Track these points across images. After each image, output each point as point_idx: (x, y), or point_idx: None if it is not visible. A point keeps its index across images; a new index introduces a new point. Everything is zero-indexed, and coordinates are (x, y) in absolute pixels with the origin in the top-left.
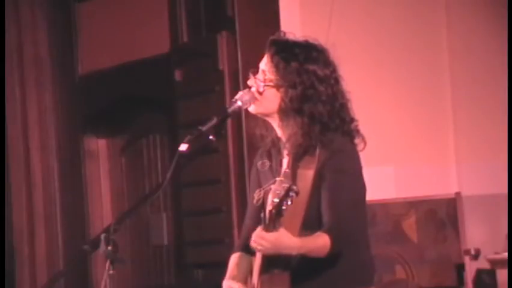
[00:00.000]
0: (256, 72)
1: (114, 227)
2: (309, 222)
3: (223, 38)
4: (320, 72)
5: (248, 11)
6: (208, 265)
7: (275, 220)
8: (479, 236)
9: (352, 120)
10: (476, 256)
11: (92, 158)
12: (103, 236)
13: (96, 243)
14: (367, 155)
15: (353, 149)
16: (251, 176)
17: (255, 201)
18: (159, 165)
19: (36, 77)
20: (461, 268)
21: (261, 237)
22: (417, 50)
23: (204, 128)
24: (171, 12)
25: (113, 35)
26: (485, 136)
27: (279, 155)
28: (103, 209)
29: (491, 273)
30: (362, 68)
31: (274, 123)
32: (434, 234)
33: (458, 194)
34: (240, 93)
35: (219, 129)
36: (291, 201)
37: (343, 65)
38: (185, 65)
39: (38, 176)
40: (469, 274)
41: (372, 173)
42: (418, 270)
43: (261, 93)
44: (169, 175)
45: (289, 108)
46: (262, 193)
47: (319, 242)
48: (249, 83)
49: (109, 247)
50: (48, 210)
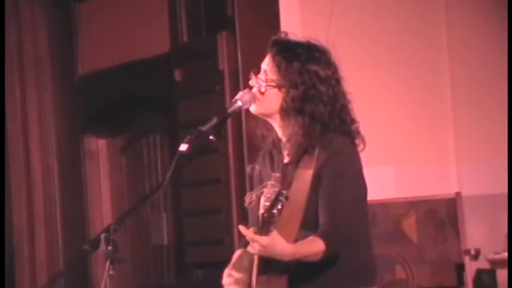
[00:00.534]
0: (257, 72)
1: (114, 227)
2: (308, 222)
3: (223, 38)
4: (322, 72)
5: (248, 11)
6: (208, 265)
7: (267, 224)
8: (479, 236)
9: (353, 121)
10: (476, 256)
11: (92, 158)
12: (103, 236)
13: (96, 243)
14: (367, 155)
15: (353, 150)
16: (254, 176)
17: (246, 204)
18: (159, 165)
19: (36, 77)
20: (461, 268)
21: (253, 240)
22: (417, 50)
23: (204, 128)
24: (171, 12)
25: (113, 35)
26: (485, 136)
27: (280, 155)
28: (103, 209)
29: (491, 273)
30: (362, 68)
31: (275, 124)
32: (434, 234)
33: (458, 194)
34: (240, 93)
35: (219, 129)
36: (281, 205)
37: (343, 64)
38: (185, 65)
39: (38, 176)
40: (469, 274)
41: (372, 173)
42: (418, 270)
43: (262, 93)
44: (169, 175)
45: (291, 108)
46: (254, 196)
47: (313, 248)
48: (251, 83)
49: (109, 247)
50: (48, 210)
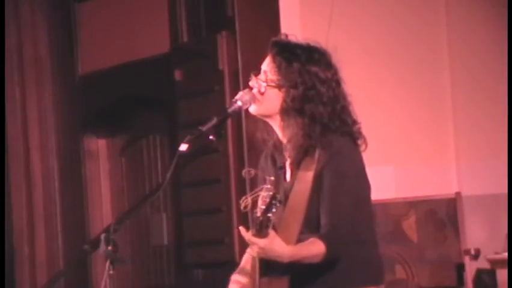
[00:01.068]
0: (257, 73)
1: (114, 227)
2: (310, 223)
3: (223, 38)
4: (322, 74)
5: (248, 11)
6: (208, 265)
7: (264, 227)
8: (479, 236)
9: (354, 122)
10: (476, 256)
11: (92, 158)
12: (103, 236)
13: (96, 243)
14: (367, 155)
15: (354, 150)
16: (257, 176)
17: (242, 208)
18: (159, 165)
19: (36, 77)
20: (461, 268)
21: (251, 242)
22: (417, 49)
23: (204, 128)
24: (171, 12)
25: (113, 35)
26: (485, 136)
27: (282, 158)
28: (103, 209)
29: (491, 273)
30: (362, 68)
31: (275, 125)
32: (434, 234)
33: (458, 194)
34: (240, 93)
35: (219, 129)
36: (276, 209)
37: (343, 64)
38: (185, 65)
39: (38, 176)
40: (469, 274)
41: (372, 173)
42: (418, 270)
43: (262, 94)
44: (169, 175)
45: (291, 108)
46: (249, 200)
47: (313, 250)
48: (251, 84)
49: (109, 247)
50: (48, 210)
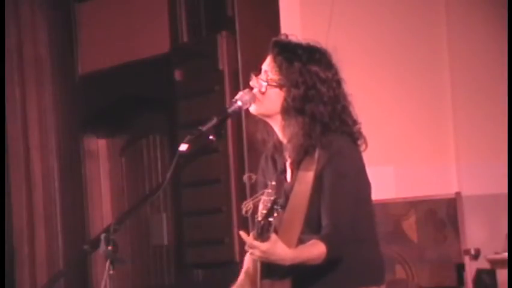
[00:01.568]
0: (258, 73)
1: (114, 227)
2: (311, 223)
3: (223, 38)
4: (322, 73)
5: (248, 11)
6: (208, 265)
7: (266, 231)
8: (479, 236)
9: (355, 122)
10: (476, 256)
11: (92, 158)
12: (103, 236)
13: (96, 243)
14: (367, 155)
15: (354, 149)
16: (258, 178)
17: (243, 212)
18: (159, 165)
19: (36, 77)
20: (461, 268)
21: (253, 246)
22: (417, 49)
23: (204, 128)
24: (171, 12)
25: (113, 35)
26: (485, 136)
27: (283, 158)
28: (103, 209)
29: (491, 273)
30: (362, 68)
31: (276, 126)
32: (434, 234)
33: (458, 194)
34: (240, 93)
35: (219, 129)
36: (277, 213)
37: (343, 64)
38: (185, 65)
39: (38, 176)
40: (469, 274)
41: (372, 173)
42: (418, 270)
43: (263, 94)
44: (169, 175)
45: (291, 108)
46: (250, 204)
47: (314, 252)
48: (252, 84)
49: (109, 247)
50: (48, 210)
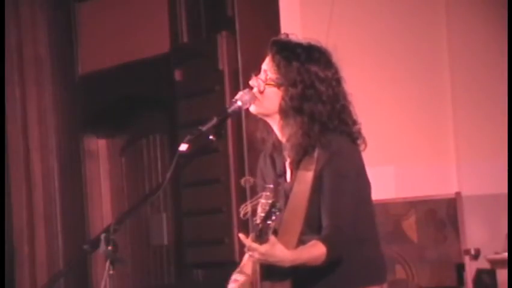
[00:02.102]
0: (258, 73)
1: (114, 227)
2: (311, 223)
3: (223, 38)
4: (321, 72)
5: (248, 11)
6: (208, 265)
7: (264, 234)
8: (479, 236)
9: (354, 122)
10: (476, 256)
11: (92, 158)
12: (103, 236)
13: (96, 243)
14: (367, 155)
15: (353, 149)
16: (257, 179)
17: (241, 215)
18: (159, 165)
19: (36, 77)
20: (461, 268)
21: (252, 248)
22: (417, 50)
23: (204, 128)
24: (171, 12)
25: (113, 35)
26: (485, 136)
27: (282, 158)
28: (103, 209)
29: (491, 273)
30: (362, 68)
31: (275, 125)
32: (434, 234)
33: (458, 194)
34: (240, 93)
35: (219, 129)
36: (275, 216)
37: (343, 64)
38: (185, 65)
39: (38, 176)
40: (469, 274)
41: (372, 173)
42: (418, 270)
43: (262, 93)
44: (169, 175)
45: (290, 107)
46: (249, 207)
47: (314, 253)
48: (251, 83)
49: (109, 247)
50: (48, 210)
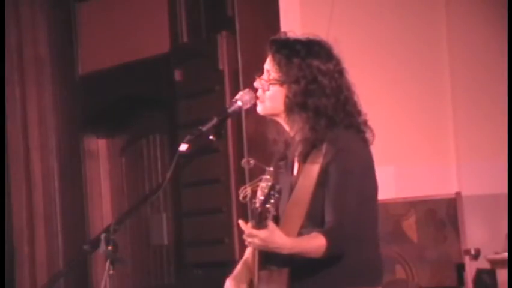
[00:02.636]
0: (260, 74)
1: (114, 227)
2: (313, 217)
3: (223, 38)
4: (323, 66)
5: (248, 11)
6: (208, 265)
7: (264, 218)
8: (479, 236)
9: (359, 113)
10: (476, 256)
11: (92, 158)
12: (103, 236)
13: (96, 243)
14: None
15: (361, 146)
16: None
17: (240, 198)
18: (159, 165)
19: (36, 77)
20: (461, 268)
21: (251, 234)
22: (417, 50)
23: (204, 128)
24: (171, 12)
25: (113, 35)
26: (485, 136)
27: (291, 152)
28: (103, 209)
29: (491, 273)
30: (361, 68)
31: (284, 123)
32: (434, 234)
33: (458, 194)
34: (240, 93)
35: (219, 129)
36: (274, 199)
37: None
38: (185, 65)
39: (38, 176)
40: (469, 274)
41: None
42: (418, 270)
43: (266, 93)
44: (169, 175)
45: (294, 104)
46: (248, 190)
47: (313, 244)
48: (255, 85)
49: (109, 247)
50: (48, 210)
